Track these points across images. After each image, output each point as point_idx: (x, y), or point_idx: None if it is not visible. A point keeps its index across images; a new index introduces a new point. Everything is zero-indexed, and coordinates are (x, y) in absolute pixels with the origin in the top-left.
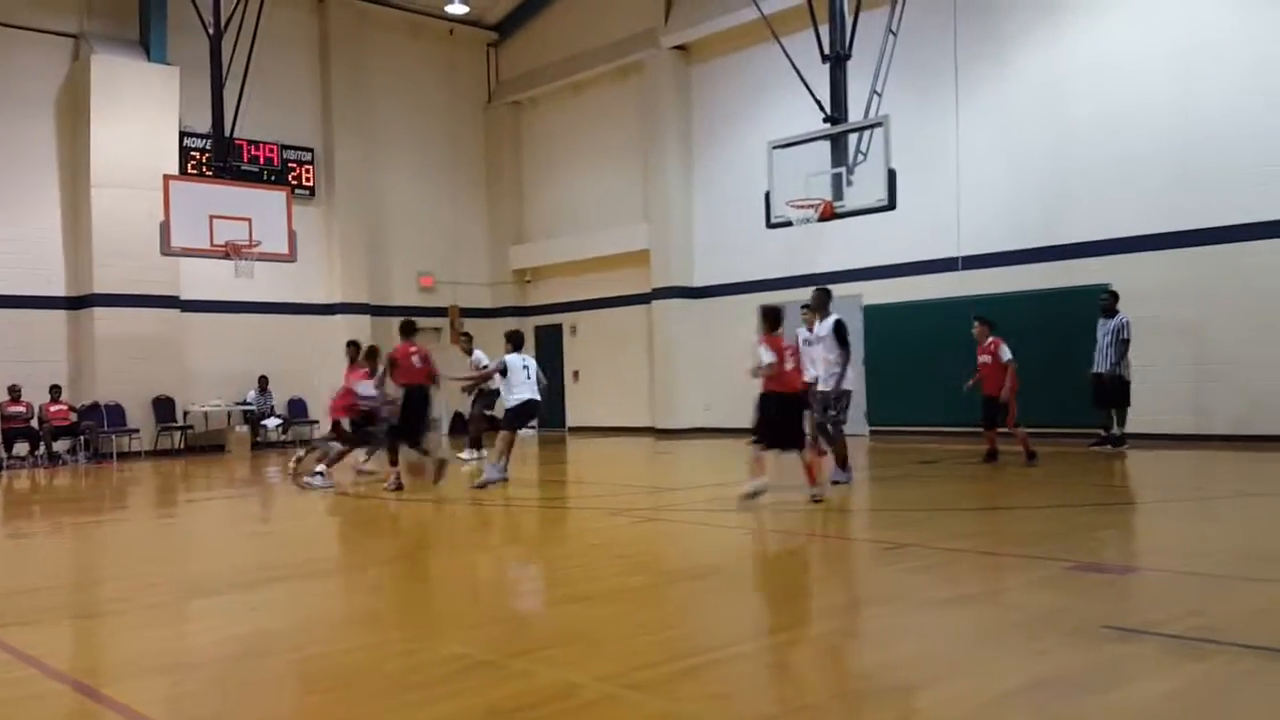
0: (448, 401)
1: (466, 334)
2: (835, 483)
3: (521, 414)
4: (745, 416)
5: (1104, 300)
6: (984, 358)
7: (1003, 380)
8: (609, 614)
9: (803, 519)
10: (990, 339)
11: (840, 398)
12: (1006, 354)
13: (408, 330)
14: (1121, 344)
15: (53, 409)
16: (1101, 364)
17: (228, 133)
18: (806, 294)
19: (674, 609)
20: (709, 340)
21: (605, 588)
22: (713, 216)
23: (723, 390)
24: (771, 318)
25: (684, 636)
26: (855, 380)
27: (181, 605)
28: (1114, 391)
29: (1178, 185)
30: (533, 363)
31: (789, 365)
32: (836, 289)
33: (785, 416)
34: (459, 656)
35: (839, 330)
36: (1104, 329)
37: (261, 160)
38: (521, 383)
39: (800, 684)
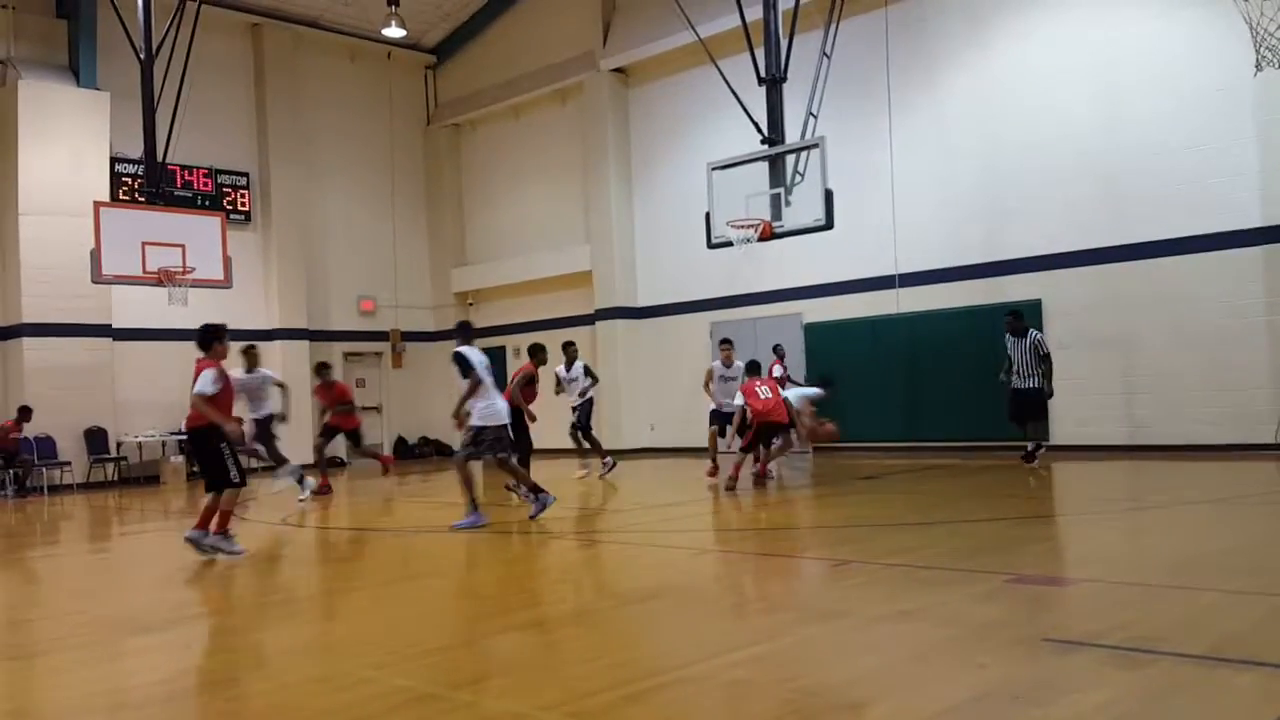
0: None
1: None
2: (456, 526)
3: None
4: (691, 436)
5: (1009, 321)
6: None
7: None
8: (555, 640)
9: (747, 539)
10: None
11: (470, 432)
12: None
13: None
14: (1044, 359)
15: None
16: (1026, 381)
17: (160, 158)
18: (750, 313)
19: (621, 633)
20: (653, 361)
21: (552, 613)
22: (654, 237)
23: (668, 410)
24: (204, 338)
25: (631, 661)
26: (488, 414)
27: (117, 643)
28: (1040, 406)
29: (1103, 202)
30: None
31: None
32: (778, 308)
33: (202, 452)
34: (402, 689)
35: (456, 360)
36: (1018, 347)
37: (196, 186)
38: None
39: (748, 705)
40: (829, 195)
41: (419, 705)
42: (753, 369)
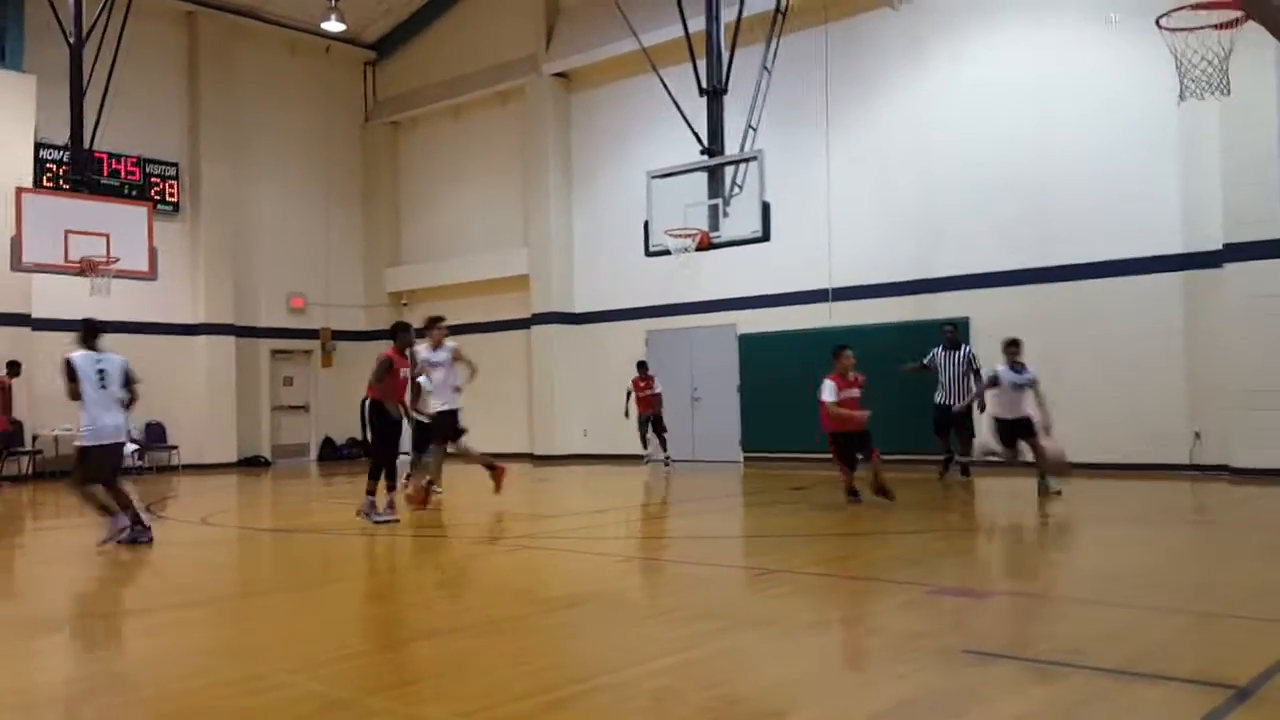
0: None
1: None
2: (102, 542)
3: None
4: (623, 443)
5: (948, 332)
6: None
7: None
8: (475, 646)
9: (674, 546)
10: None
11: (76, 452)
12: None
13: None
14: (976, 374)
15: None
16: (957, 396)
17: (87, 145)
18: (685, 322)
19: (543, 639)
20: (588, 366)
21: (473, 619)
22: (593, 243)
23: (601, 416)
24: None
25: (552, 668)
26: (90, 432)
27: (25, 642)
28: (967, 421)
29: (1033, 224)
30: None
31: None
32: (713, 318)
33: None
34: (314, 695)
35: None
36: (950, 360)
37: (123, 174)
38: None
39: (671, 712)
40: (766, 208)
41: (334, 711)
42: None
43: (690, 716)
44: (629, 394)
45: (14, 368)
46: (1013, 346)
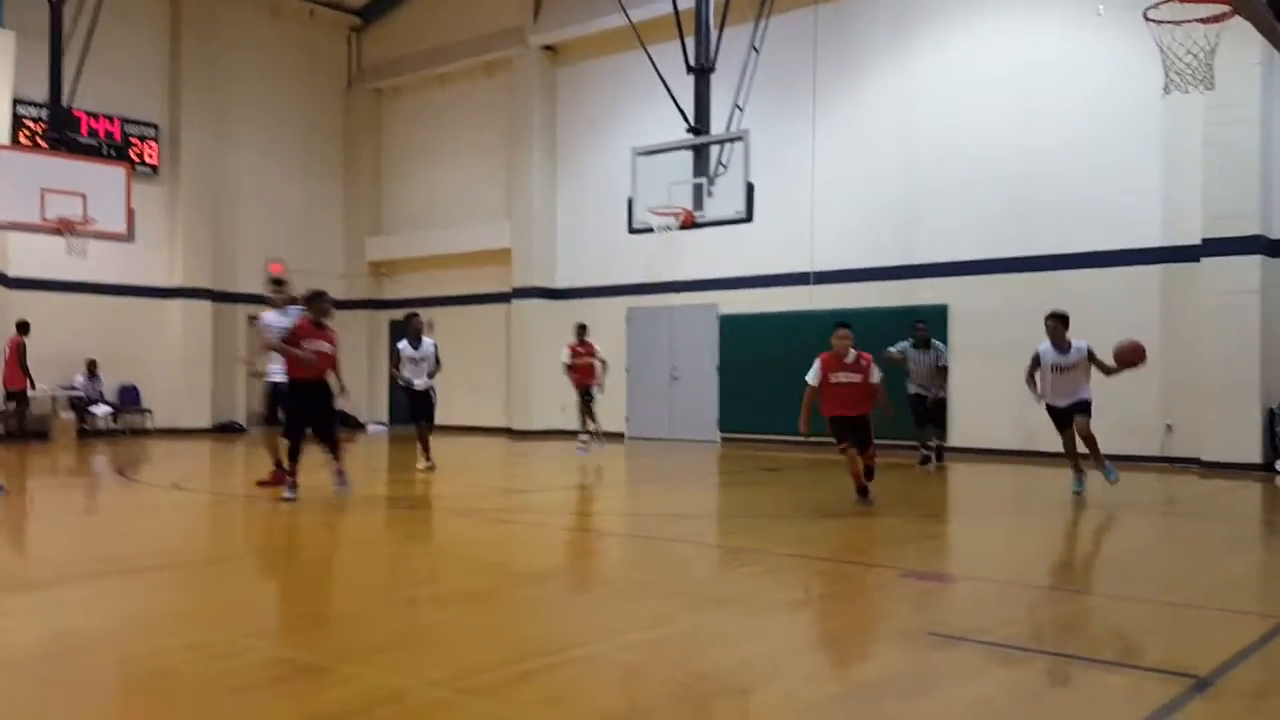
0: None
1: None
2: None
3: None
4: (602, 419)
5: (920, 330)
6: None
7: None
8: (446, 617)
9: (647, 523)
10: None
11: None
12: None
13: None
14: (943, 370)
15: None
16: (931, 389)
17: (66, 103)
18: (667, 300)
19: (514, 612)
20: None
21: (445, 590)
22: (576, 219)
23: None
24: None
25: (522, 639)
26: None
27: None
28: (939, 413)
29: (1013, 213)
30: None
31: None
32: (694, 297)
33: None
34: (284, 660)
35: None
36: (924, 359)
37: (101, 134)
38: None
39: (637, 687)
40: (750, 188)
41: (302, 676)
42: (580, 330)
43: (657, 691)
44: (568, 367)
45: (24, 327)
46: (1053, 320)
